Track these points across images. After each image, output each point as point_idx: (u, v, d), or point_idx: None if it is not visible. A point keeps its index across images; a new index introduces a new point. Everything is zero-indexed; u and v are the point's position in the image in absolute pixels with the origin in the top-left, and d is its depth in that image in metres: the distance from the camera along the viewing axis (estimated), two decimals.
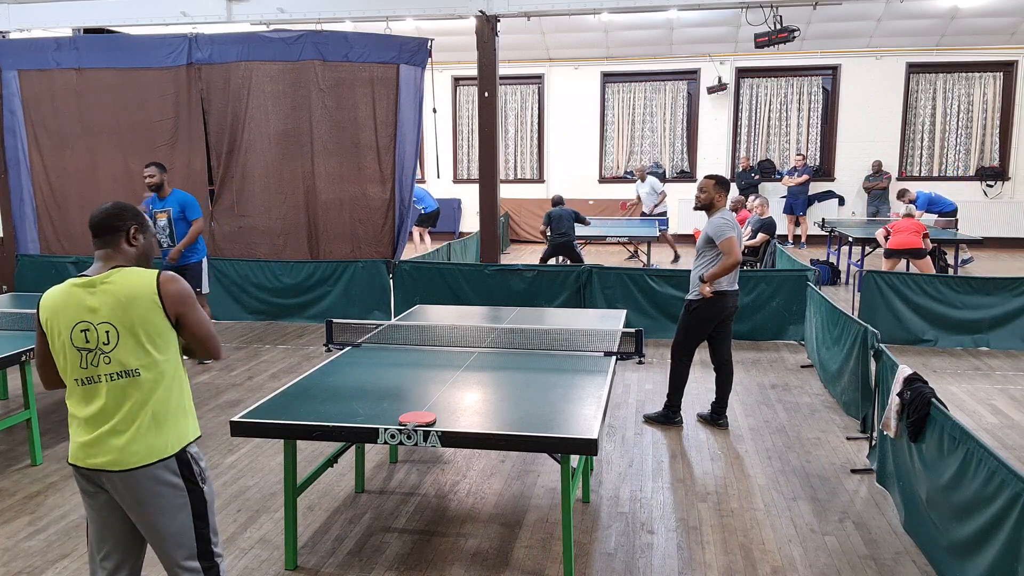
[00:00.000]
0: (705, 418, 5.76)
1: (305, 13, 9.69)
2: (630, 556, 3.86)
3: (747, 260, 10.77)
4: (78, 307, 2.56)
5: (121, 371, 2.57)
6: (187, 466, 2.66)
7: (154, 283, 2.58)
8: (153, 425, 2.60)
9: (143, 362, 2.58)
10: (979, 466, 3.08)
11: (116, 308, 2.55)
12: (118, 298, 2.56)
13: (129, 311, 2.56)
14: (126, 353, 2.56)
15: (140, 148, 9.54)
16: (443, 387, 3.91)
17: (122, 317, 2.55)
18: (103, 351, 2.56)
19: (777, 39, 9.41)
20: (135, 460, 2.57)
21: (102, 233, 2.66)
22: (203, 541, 2.71)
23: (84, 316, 2.56)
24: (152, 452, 2.59)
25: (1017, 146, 14.92)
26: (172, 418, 2.64)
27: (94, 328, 2.55)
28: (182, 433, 2.67)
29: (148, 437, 2.59)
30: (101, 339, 2.55)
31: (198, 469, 2.69)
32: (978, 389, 6.47)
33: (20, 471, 4.94)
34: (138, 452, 2.57)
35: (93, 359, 2.56)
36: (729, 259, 5.31)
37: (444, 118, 16.03)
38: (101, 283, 2.57)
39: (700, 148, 15.88)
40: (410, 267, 8.77)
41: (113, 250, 2.66)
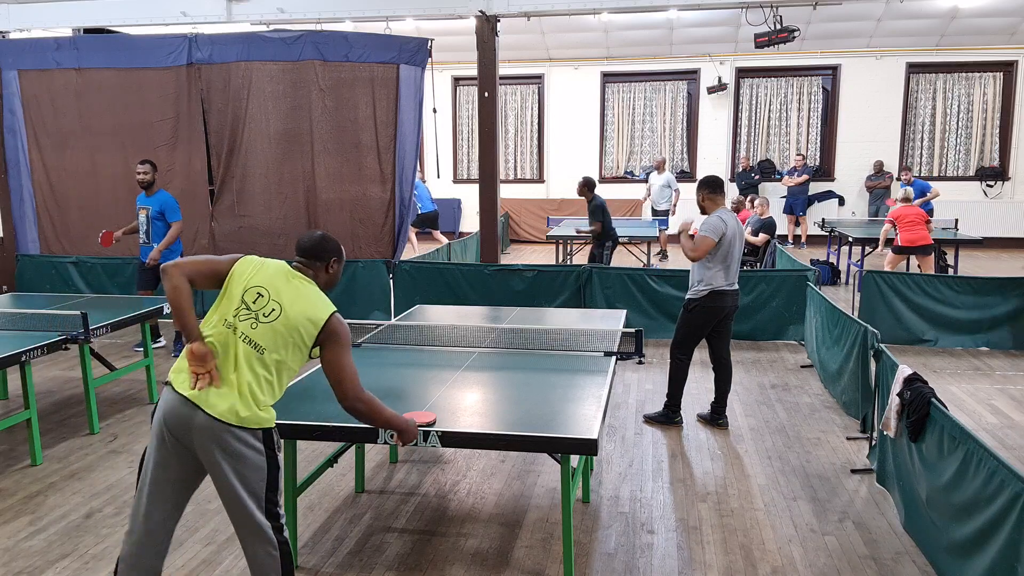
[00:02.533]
0: (705, 418, 5.76)
1: (305, 13, 9.68)
2: (630, 556, 3.86)
3: (747, 260, 10.77)
4: (274, 278, 2.93)
5: (256, 342, 2.85)
6: (270, 438, 2.91)
7: (327, 315, 2.93)
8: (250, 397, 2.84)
9: (273, 347, 2.86)
10: (979, 466, 3.08)
11: (293, 304, 2.89)
12: (300, 299, 2.91)
13: (295, 313, 2.88)
14: (269, 334, 2.86)
15: (140, 148, 9.53)
16: (443, 387, 3.91)
17: (292, 313, 2.88)
18: (255, 317, 2.87)
19: (777, 39, 9.41)
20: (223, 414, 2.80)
21: (308, 257, 3.06)
22: (272, 504, 2.94)
23: (268, 285, 2.91)
24: (242, 418, 2.82)
25: (1017, 146, 14.92)
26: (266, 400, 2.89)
27: (267, 299, 2.89)
28: (265, 419, 2.88)
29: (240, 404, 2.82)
30: (264, 309, 2.88)
31: (277, 439, 2.95)
32: (978, 389, 6.47)
33: (20, 471, 4.94)
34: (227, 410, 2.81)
35: (247, 317, 2.87)
36: (689, 246, 5.37)
37: (444, 118, 16.03)
38: (299, 279, 2.98)
39: (700, 148, 15.88)
40: (410, 267, 8.77)
41: (311, 271, 3.06)
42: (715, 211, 5.48)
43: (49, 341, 5.09)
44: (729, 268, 5.46)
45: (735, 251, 5.47)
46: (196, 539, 4.02)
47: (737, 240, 5.47)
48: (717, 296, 5.46)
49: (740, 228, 5.53)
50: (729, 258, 5.44)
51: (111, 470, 4.95)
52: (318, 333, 2.91)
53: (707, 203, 5.52)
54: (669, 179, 13.68)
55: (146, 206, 7.50)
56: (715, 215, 5.44)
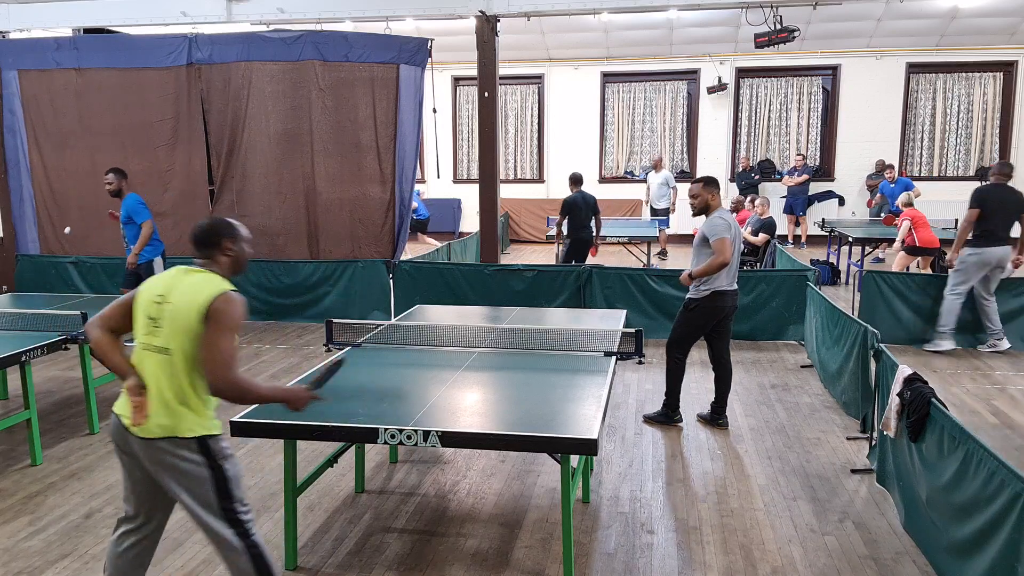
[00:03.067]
0: (705, 418, 5.76)
1: (305, 13, 9.69)
2: (630, 556, 3.86)
3: (747, 260, 10.77)
4: (167, 283, 2.89)
5: (162, 347, 2.83)
6: (205, 446, 2.86)
7: (212, 296, 2.81)
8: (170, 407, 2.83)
9: (175, 346, 2.82)
10: (979, 466, 3.08)
11: (182, 296, 2.83)
12: (190, 290, 2.84)
13: (183, 303, 2.82)
14: (168, 333, 2.83)
15: (140, 148, 9.54)
16: (443, 387, 3.91)
17: (180, 304, 2.82)
18: (158, 324, 2.85)
19: (777, 39, 9.41)
20: (147, 432, 2.83)
21: (200, 246, 2.98)
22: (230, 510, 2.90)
23: (164, 291, 2.87)
24: (167, 431, 2.82)
25: (1017, 146, 14.91)
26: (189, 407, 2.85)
27: (163, 304, 2.85)
28: (195, 426, 2.85)
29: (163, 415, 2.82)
30: (161, 314, 2.84)
31: (216, 447, 2.89)
32: (978, 389, 6.47)
33: (20, 471, 4.94)
34: (151, 427, 2.82)
35: (150, 329, 2.86)
36: (717, 259, 5.29)
37: (444, 118, 16.03)
38: (191, 272, 2.92)
39: (700, 148, 15.88)
40: (410, 267, 8.77)
41: (211, 260, 2.98)
42: (714, 211, 5.48)
43: (49, 341, 5.10)
44: (730, 268, 5.46)
45: (734, 249, 5.46)
46: (196, 539, 4.02)
47: (736, 238, 5.48)
48: (719, 296, 5.47)
49: (737, 226, 5.54)
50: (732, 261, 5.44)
51: (111, 470, 4.94)
52: (203, 315, 2.79)
53: (711, 200, 5.50)
54: (667, 177, 13.68)
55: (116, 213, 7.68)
56: (715, 215, 5.44)
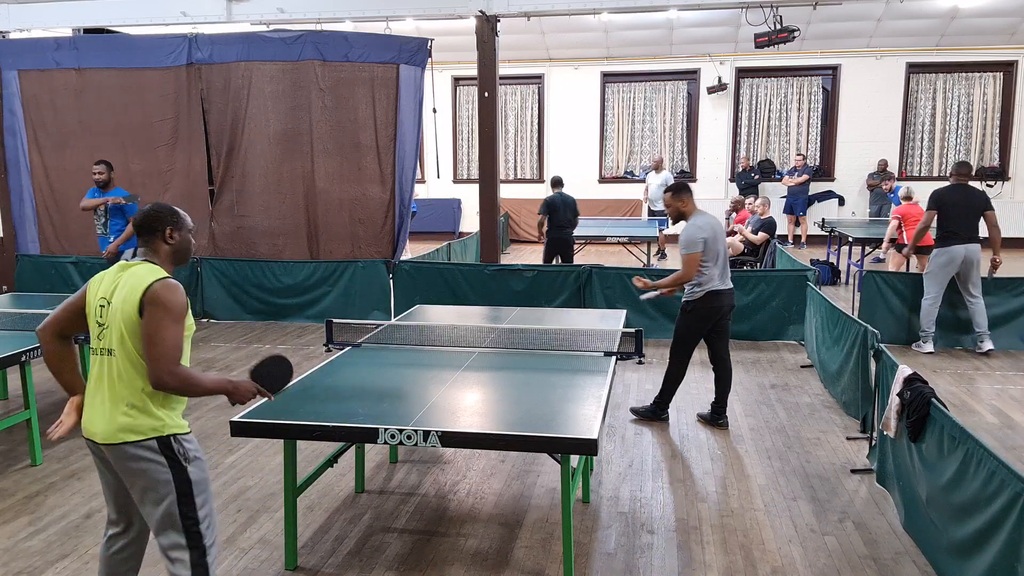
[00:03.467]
0: (705, 418, 5.76)
1: (305, 13, 9.69)
2: (630, 556, 3.86)
3: (747, 260, 10.77)
4: (109, 283, 2.82)
5: (108, 349, 2.78)
6: (168, 447, 2.77)
7: (146, 285, 2.73)
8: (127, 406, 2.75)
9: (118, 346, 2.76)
10: (979, 466, 3.08)
11: (120, 293, 2.76)
12: (126, 286, 2.77)
13: (120, 300, 2.76)
14: (112, 335, 2.77)
15: (140, 148, 9.54)
16: (443, 387, 3.91)
17: (117, 301, 2.76)
18: (104, 326, 2.79)
19: (777, 39, 9.41)
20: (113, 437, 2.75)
21: (142, 233, 2.89)
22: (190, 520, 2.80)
23: (106, 292, 2.81)
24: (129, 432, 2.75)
25: (1017, 146, 14.92)
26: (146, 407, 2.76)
27: (107, 305, 2.79)
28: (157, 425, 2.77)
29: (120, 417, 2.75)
30: (106, 316, 2.79)
31: (181, 449, 2.80)
32: (978, 389, 6.47)
33: (20, 471, 4.94)
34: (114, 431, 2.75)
35: (99, 333, 2.81)
36: (680, 275, 5.38)
37: (444, 118, 16.03)
38: (128, 269, 2.83)
39: (700, 148, 15.88)
40: (410, 267, 8.77)
41: (151, 248, 2.89)
42: (691, 216, 5.47)
43: None
44: (720, 268, 5.48)
45: (720, 248, 5.47)
46: None
47: (720, 238, 5.47)
48: (714, 296, 5.48)
49: (718, 225, 5.53)
50: (715, 255, 5.44)
51: None
52: (139, 307, 2.70)
53: (683, 207, 5.52)
54: (667, 178, 13.66)
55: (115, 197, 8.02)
56: (691, 223, 5.43)
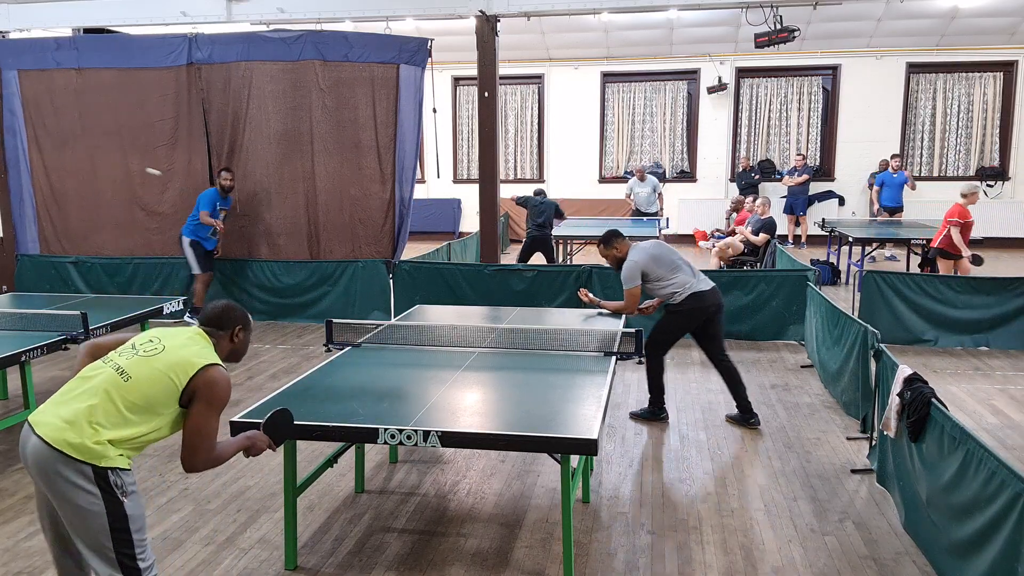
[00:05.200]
0: (735, 419, 5.73)
1: (305, 13, 9.69)
2: (630, 556, 3.86)
3: (747, 260, 10.77)
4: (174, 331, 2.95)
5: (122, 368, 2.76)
6: (104, 479, 2.62)
7: (204, 366, 2.80)
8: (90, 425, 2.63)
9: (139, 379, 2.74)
10: (979, 466, 3.08)
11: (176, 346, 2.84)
12: (183, 345, 2.85)
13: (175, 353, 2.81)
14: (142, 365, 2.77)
15: (140, 148, 9.53)
16: (443, 387, 3.91)
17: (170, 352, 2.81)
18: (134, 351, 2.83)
19: (777, 39, 9.41)
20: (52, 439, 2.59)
21: (211, 326, 3.02)
22: (126, 556, 2.65)
23: (163, 334, 2.92)
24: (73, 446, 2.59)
25: (1017, 146, 14.91)
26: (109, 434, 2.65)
27: (156, 342, 2.86)
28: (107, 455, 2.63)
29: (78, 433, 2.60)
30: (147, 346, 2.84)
31: (119, 481, 2.65)
32: (978, 389, 6.47)
33: (20, 471, 4.94)
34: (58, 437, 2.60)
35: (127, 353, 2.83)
36: (623, 305, 5.52)
37: (444, 118, 16.02)
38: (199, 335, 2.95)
39: (700, 148, 15.88)
40: (410, 267, 8.77)
41: (217, 340, 3.01)
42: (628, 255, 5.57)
43: (49, 341, 5.09)
44: (683, 271, 5.56)
45: (673, 258, 5.57)
46: (196, 539, 4.02)
47: (663, 253, 5.56)
48: (698, 297, 5.52)
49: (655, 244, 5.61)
50: (671, 266, 5.53)
51: None
52: (190, 380, 2.74)
53: (618, 253, 5.62)
54: (653, 183, 13.63)
55: (226, 208, 9.00)
56: (632, 255, 5.54)
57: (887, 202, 13.38)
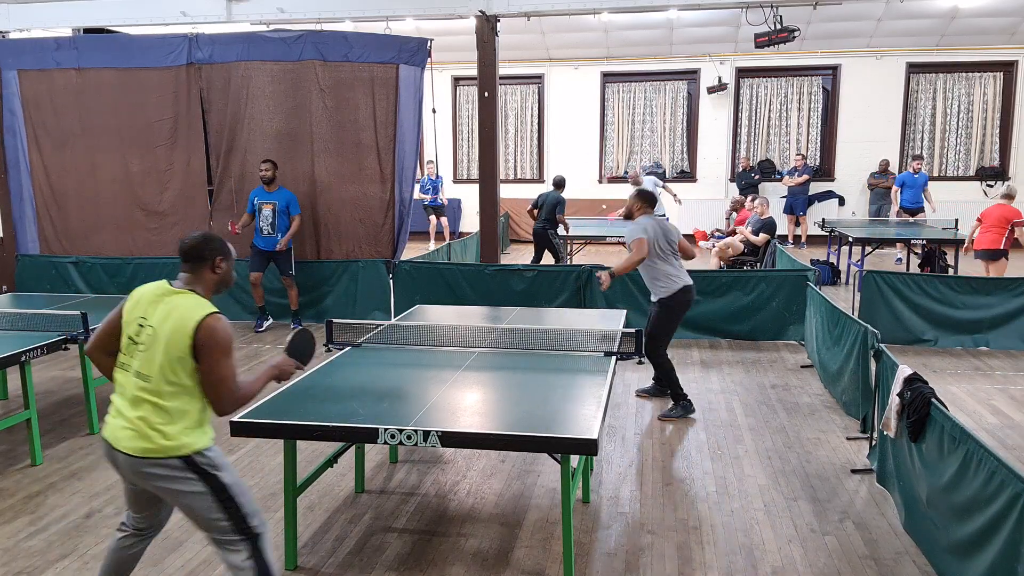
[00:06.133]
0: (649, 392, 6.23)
1: (305, 13, 9.69)
2: (630, 556, 3.86)
3: (747, 260, 10.77)
4: (148, 305, 2.88)
5: (140, 372, 2.82)
6: (193, 464, 2.82)
7: (197, 320, 2.80)
8: (155, 428, 2.79)
9: (156, 373, 2.80)
10: (979, 466, 3.08)
11: (164, 321, 2.82)
12: (172, 317, 2.82)
13: (169, 329, 2.80)
14: (150, 360, 2.81)
15: (140, 148, 9.53)
16: (443, 387, 3.91)
17: (163, 330, 2.81)
18: (139, 349, 2.84)
19: (777, 39, 9.41)
20: (134, 450, 2.79)
21: (190, 259, 2.94)
22: (238, 519, 2.88)
23: (145, 313, 2.87)
24: (154, 450, 2.79)
25: (1017, 146, 14.92)
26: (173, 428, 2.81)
27: (146, 327, 2.84)
28: (177, 444, 2.81)
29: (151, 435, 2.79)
30: (142, 337, 2.84)
31: (205, 461, 2.84)
32: (978, 389, 6.47)
33: (20, 471, 4.94)
34: (137, 446, 2.79)
35: (132, 351, 2.86)
36: (633, 256, 5.63)
37: (444, 118, 16.03)
38: (172, 294, 2.89)
39: (700, 148, 15.88)
40: (410, 267, 8.77)
41: (195, 275, 2.95)
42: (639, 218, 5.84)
43: (49, 341, 5.09)
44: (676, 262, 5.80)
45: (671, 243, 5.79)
46: (196, 539, 4.02)
47: (662, 236, 5.75)
48: (688, 290, 5.80)
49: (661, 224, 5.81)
50: (671, 249, 5.77)
51: (111, 470, 4.91)
52: (192, 342, 2.79)
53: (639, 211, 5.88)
54: (653, 181, 13.61)
55: (271, 202, 8.51)
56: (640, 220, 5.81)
57: (907, 203, 13.18)
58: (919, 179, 13.05)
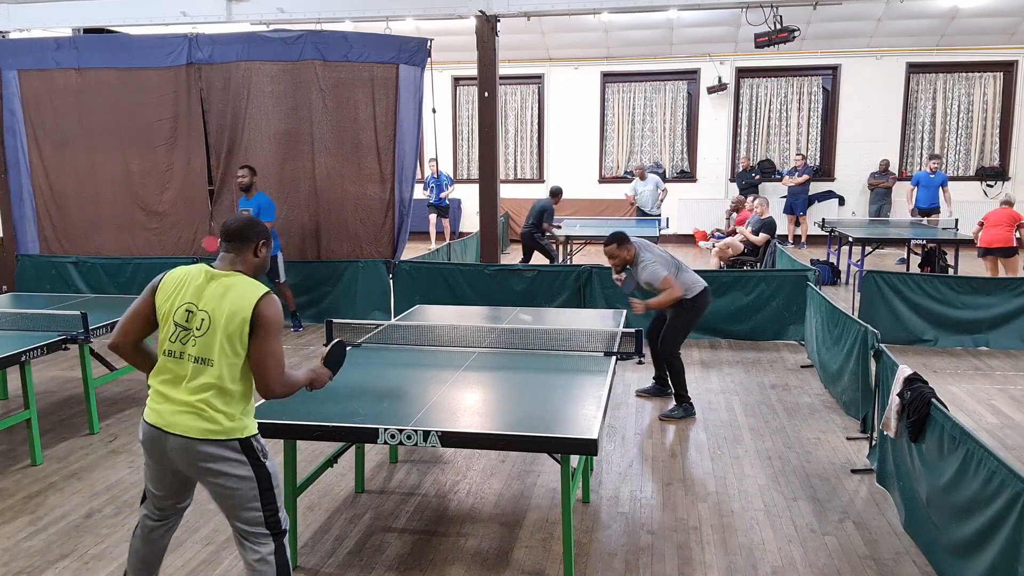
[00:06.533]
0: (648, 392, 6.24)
1: (305, 13, 9.68)
2: (630, 556, 3.86)
3: (747, 260, 10.77)
4: (196, 289, 2.88)
5: (200, 357, 2.83)
6: (249, 448, 2.88)
7: (253, 301, 2.83)
8: (219, 410, 2.83)
9: (217, 356, 2.82)
10: (979, 466, 3.07)
11: (219, 304, 2.83)
12: (228, 298, 2.84)
13: (226, 311, 2.82)
14: (208, 344, 2.82)
15: (140, 148, 9.53)
16: (443, 387, 3.91)
17: (220, 313, 2.82)
18: (195, 334, 2.84)
19: (777, 39, 9.41)
20: (195, 432, 2.81)
21: (235, 239, 2.96)
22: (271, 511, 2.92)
23: (192, 299, 2.86)
24: (217, 431, 2.83)
25: (1017, 146, 14.91)
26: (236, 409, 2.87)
27: (196, 312, 2.85)
28: (240, 427, 2.87)
29: (216, 417, 2.82)
30: (195, 323, 2.84)
31: (260, 447, 2.91)
32: (978, 389, 6.47)
33: (20, 471, 4.94)
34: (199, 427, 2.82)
35: (184, 337, 2.85)
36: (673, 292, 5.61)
37: (444, 118, 16.02)
38: (219, 276, 2.89)
39: (700, 148, 15.87)
40: (410, 267, 8.77)
41: (238, 256, 2.97)
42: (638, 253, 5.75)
43: (49, 341, 5.09)
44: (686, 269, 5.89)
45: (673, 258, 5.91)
46: (196, 539, 4.02)
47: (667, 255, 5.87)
48: (707, 291, 5.91)
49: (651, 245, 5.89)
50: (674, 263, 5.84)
51: (111, 470, 4.95)
52: (250, 322, 2.83)
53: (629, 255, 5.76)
54: (655, 181, 13.64)
55: (247, 208, 8.05)
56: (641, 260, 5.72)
57: (921, 203, 13.11)
58: (935, 179, 13.00)
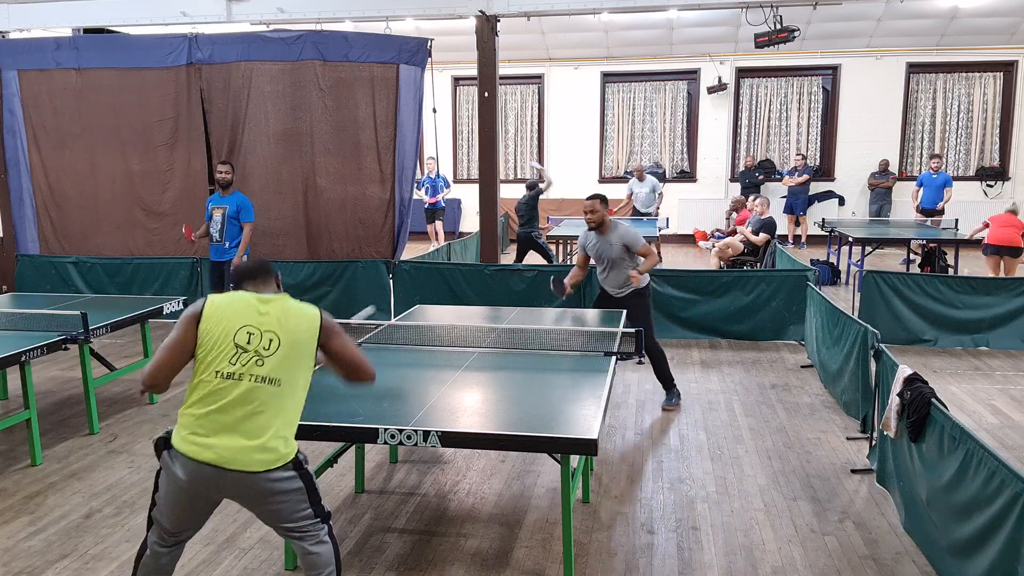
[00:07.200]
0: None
1: (305, 13, 9.68)
2: (630, 556, 3.86)
3: (747, 260, 10.77)
4: (251, 312, 2.92)
5: (269, 377, 2.84)
6: (298, 463, 2.91)
7: (318, 316, 3.01)
8: (279, 435, 2.85)
9: (288, 375, 2.88)
10: (979, 466, 3.08)
11: (284, 323, 2.92)
12: (293, 318, 2.95)
13: (291, 331, 2.91)
14: (280, 363, 2.86)
15: (140, 148, 9.53)
16: (443, 387, 3.91)
17: (287, 332, 2.91)
18: (260, 355, 2.85)
19: (777, 39, 9.41)
20: (258, 465, 2.79)
21: (260, 275, 3.10)
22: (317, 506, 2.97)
23: (253, 321, 2.90)
24: (276, 459, 2.83)
25: (1017, 146, 14.91)
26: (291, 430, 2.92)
27: (259, 333, 2.88)
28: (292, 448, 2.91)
29: (275, 445, 2.83)
30: (262, 344, 2.87)
31: (303, 456, 2.96)
32: (978, 389, 6.47)
33: (20, 471, 4.94)
34: (262, 459, 2.80)
35: (246, 360, 2.84)
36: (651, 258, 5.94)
37: (444, 118, 16.01)
38: (273, 301, 2.98)
39: (700, 148, 15.87)
40: (410, 267, 8.76)
41: (268, 287, 3.10)
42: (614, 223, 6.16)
43: (49, 341, 5.09)
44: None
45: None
46: (196, 539, 4.01)
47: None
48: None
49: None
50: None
51: (111, 470, 4.95)
52: (318, 337, 2.99)
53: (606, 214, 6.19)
54: (654, 183, 13.64)
55: (222, 206, 7.78)
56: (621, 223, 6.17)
57: (924, 203, 13.10)
58: (937, 179, 12.98)
